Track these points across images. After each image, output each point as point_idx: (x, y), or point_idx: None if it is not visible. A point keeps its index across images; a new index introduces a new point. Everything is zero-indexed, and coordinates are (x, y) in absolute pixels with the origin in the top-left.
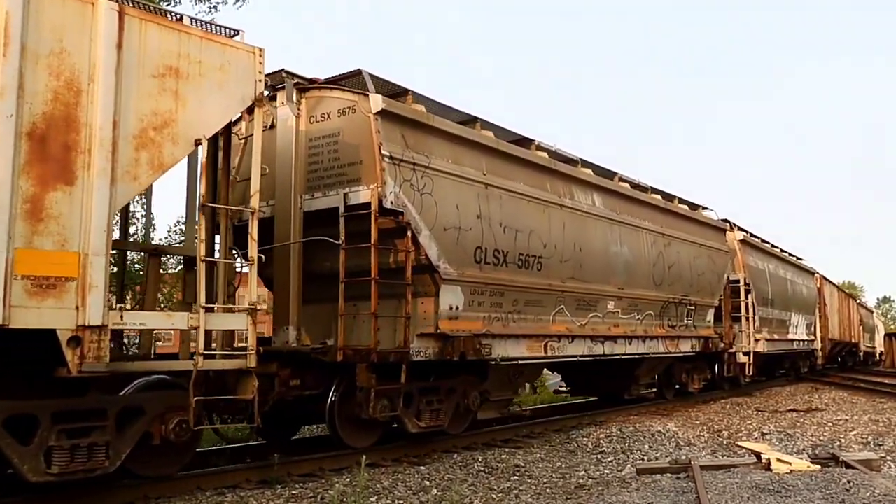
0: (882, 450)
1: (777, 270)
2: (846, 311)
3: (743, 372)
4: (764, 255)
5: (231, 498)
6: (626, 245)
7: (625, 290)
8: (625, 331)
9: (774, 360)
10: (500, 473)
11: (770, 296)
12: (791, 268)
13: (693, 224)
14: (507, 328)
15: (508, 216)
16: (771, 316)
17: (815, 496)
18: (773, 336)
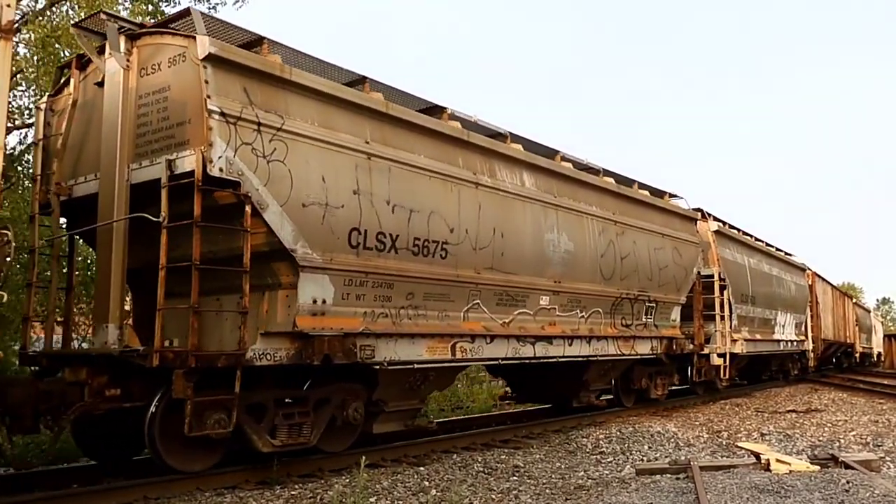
0: (881, 450)
1: (760, 265)
2: (841, 310)
3: (719, 375)
4: (743, 248)
5: (230, 498)
6: (565, 232)
7: (563, 283)
8: (563, 330)
9: (759, 361)
10: (499, 474)
11: (750, 292)
12: (778, 263)
13: (655, 212)
14: (399, 326)
15: (400, 193)
16: (752, 314)
17: (815, 497)
18: (756, 336)
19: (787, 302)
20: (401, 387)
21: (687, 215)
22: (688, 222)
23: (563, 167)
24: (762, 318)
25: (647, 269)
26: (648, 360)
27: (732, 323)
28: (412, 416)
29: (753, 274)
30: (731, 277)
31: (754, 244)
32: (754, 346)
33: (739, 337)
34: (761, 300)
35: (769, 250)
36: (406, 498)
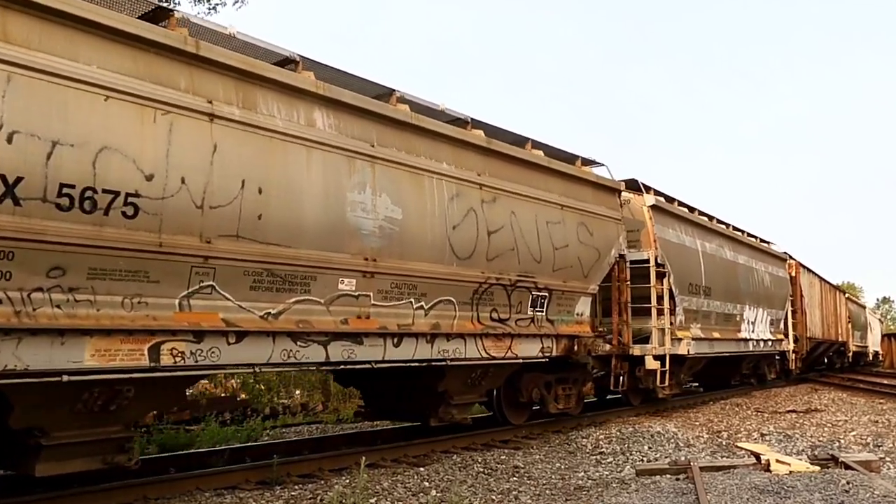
0: (881, 451)
1: (720, 251)
2: (832, 306)
3: (659, 382)
4: (695, 229)
5: (230, 499)
6: (386, 194)
7: (383, 262)
8: (385, 325)
9: (724, 364)
10: (499, 474)
11: (704, 282)
12: (747, 250)
13: (553, 178)
14: (32, 318)
15: (30, 115)
16: (707, 308)
17: (815, 497)
18: (713, 335)
19: (758, 295)
20: (53, 408)
21: (604, 185)
22: (605, 194)
23: (389, 108)
24: (722, 314)
25: (536, 248)
26: (545, 366)
27: (677, 318)
28: (102, 450)
29: (709, 261)
30: (674, 263)
31: (712, 226)
32: (710, 346)
33: (686, 335)
34: (721, 292)
35: (734, 235)
36: (406, 498)
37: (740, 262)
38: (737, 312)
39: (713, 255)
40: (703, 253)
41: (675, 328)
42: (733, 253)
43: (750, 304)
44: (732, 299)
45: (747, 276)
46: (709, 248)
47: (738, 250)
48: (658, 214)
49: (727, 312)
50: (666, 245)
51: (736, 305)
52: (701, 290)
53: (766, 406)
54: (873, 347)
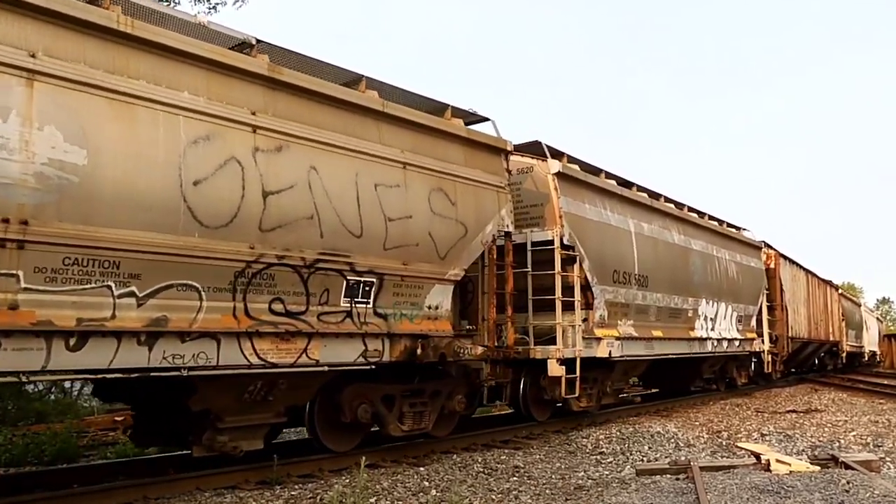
0: (881, 451)
1: (665, 234)
2: (822, 303)
3: (565, 391)
4: (625, 206)
5: (230, 498)
6: (57, 126)
7: (41, 225)
8: (52, 320)
9: (678, 367)
10: (499, 474)
11: (637, 270)
12: (706, 235)
13: (389, 125)
14: None
15: None
16: (642, 301)
17: (815, 497)
18: (652, 333)
19: (719, 288)
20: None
21: (481, 143)
22: (483, 154)
23: (65, 3)
24: (667, 308)
25: (354, 218)
26: (385, 374)
27: (596, 314)
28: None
29: (647, 245)
30: (591, 246)
31: (654, 204)
32: (649, 346)
33: (609, 333)
34: (665, 283)
35: (687, 217)
36: (406, 498)
37: (695, 249)
38: (688, 307)
39: (654, 238)
40: (637, 235)
41: (594, 325)
42: (685, 237)
43: (708, 297)
44: (682, 291)
45: (705, 266)
46: (647, 230)
47: (692, 234)
48: (567, 185)
49: (674, 307)
50: (579, 223)
51: (687, 299)
52: (633, 279)
53: (766, 406)
54: (870, 347)
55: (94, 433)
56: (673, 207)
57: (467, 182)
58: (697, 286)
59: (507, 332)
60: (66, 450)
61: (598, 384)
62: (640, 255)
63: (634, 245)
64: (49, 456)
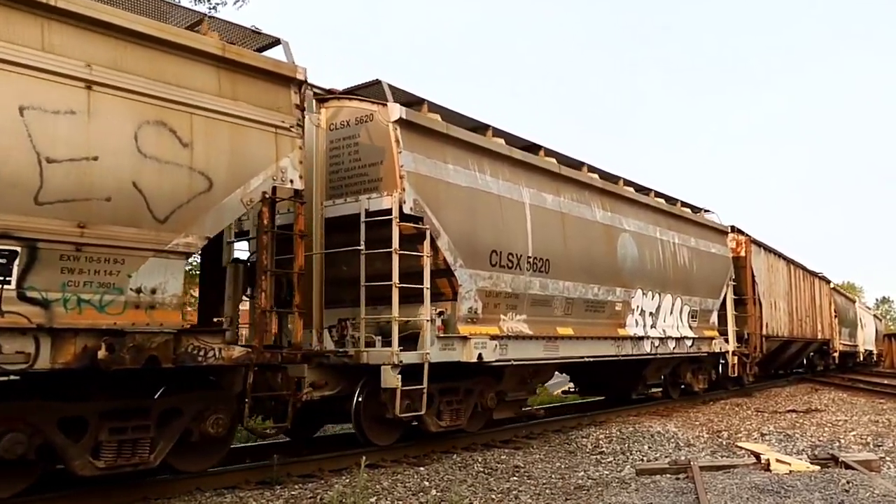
0: (881, 450)
1: (578, 210)
2: (808, 297)
3: (416, 405)
4: (514, 170)
5: (230, 498)
6: None
7: None
8: None
9: (612, 371)
10: (499, 474)
11: (531, 251)
12: (645, 214)
13: (64, 25)
14: None
15: None
16: (540, 291)
17: (815, 497)
18: (557, 331)
19: (663, 277)
20: None
21: (248, 65)
22: (253, 81)
23: None
24: (582, 300)
25: None
26: (65, 387)
27: (463, 306)
28: None
29: (549, 221)
30: (454, 219)
31: (558, 171)
32: (552, 347)
33: (482, 331)
34: (579, 269)
35: (613, 189)
36: (406, 498)
37: (628, 230)
38: (616, 299)
39: (563, 213)
40: (535, 208)
41: (460, 320)
42: (613, 215)
43: (647, 288)
44: (607, 280)
45: (642, 250)
46: (552, 203)
47: (623, 212)
48: (417, 137)
49: (594, 299)
50: (434, 188)
51: (614, 290)
52: (525, 263)
53: (766, 406)
54: (865, 347)
55: None
56: (596, 179)
57: (218, 117)
58: (630, 274)
59: (295, 327)
60: None
61: (473, 396)
62: (539, 233)
63: (529, 221)
64: None
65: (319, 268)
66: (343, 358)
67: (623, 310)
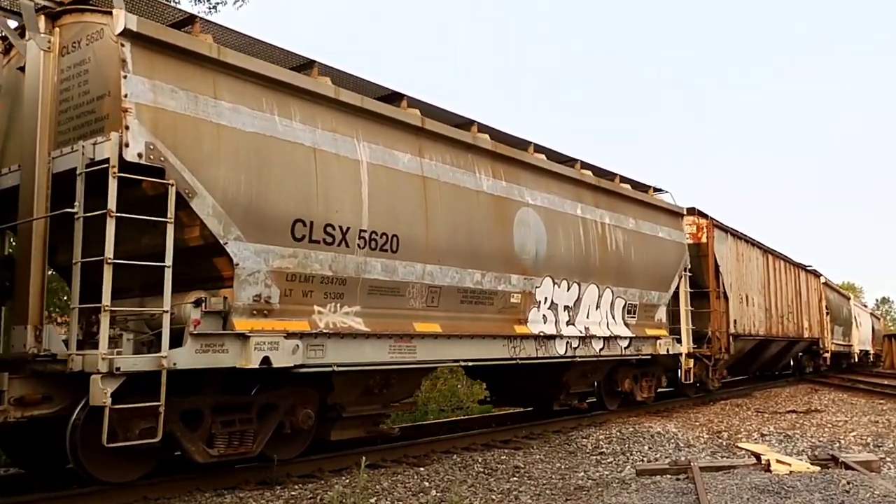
0: (881, 451)
1: (451, 175)
2: (791, 291)
3: (122, 434)
4: (340, 115)
5: (230, 499)
6: None
7: None
8: None
9: (531, 376)
10: (499, 474)
11: (366, 224)
12: (556, 185)
13: None
14: None
15: None
16: (381, 276)
17: (815, 497)
18: (413, 327)
19: (585, 264)
20: None
21: None
22: None
23: None
24: (456, 289)
25: None
26: None
27: (248, 293)
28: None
29: (399, 186)
30: (225, 174)
31: (419, 123)
32: (404, 348)
33: (282, 326)
34: (445, 248)
35: (508, 153)
36: (406, 498)
37: (532, 204)
38: (511, 289)
39: (424, 178)
40: (376, 168)
41: (238, 312)
42: (509, 185)
43: (561, 277)
44: (497, 265)
45: (554, 230)
46: (406, 164)
47: (527, 183)
48: (158, 59)
49: (476, 288)
50: (191, 132)
51: (508, 277)
52: (355, 238)
53: (766, 406)
54: (860, 346)
55: None
56: (483, 139)
57: None
58: (534, 259)
59: None
60: None
61: (276, 414)
62: (382, 201)
63: (367, 184)
64: None
65: (41, 241)
66: (53, 365)
67: (523, 302)
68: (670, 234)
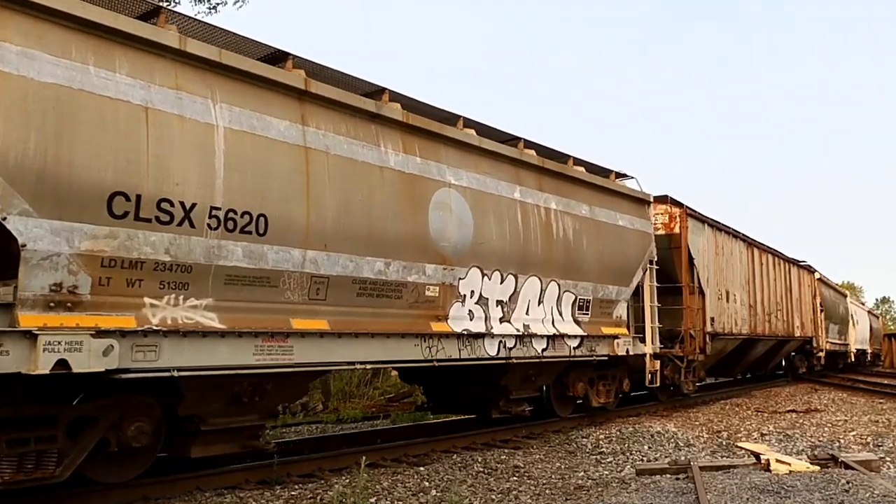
0: (881, 450)
1: (341, 145)
2: (781, 288)
3: None
4: (186, 69)
5: (230, 498)
6: None
7: None
8: None
9: (464, 380)
10: (499, 474)
11: (219, 200)
12: (491, 164)
13: None
14: None
15: None
16: (241, 262)
17: (815, 497)
18: (291, 324)
19: (526, 253)
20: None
21: None
22: None
23: None
24: (350, 279)
25: None
26: None
27: (42, 280)
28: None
29: (271, 157)
30: (14, 133)
31: (273, 76)
32: (276, 349)
33: (93, 322)
34: (333, 232)
35: (418, 123)
36: (406, 498)
37: (455, 184)
38: (426, 281)
39: (307, 149)
40: (233, 134)
41: (33, 304)
42: (424, 162)
43: (492, 267)
44: (406, 253)
45: (483, 214)
46: (282, 132)
47: (449, 160)
48: None
49: (379, 279)
50: None
51: (422, 267)
52: (203, 217)
53: (766, 406)
54: (857, 346)
55: None
56: (394, 109)
57: None
58: (457, 247)
59: None
60: None
61: (95, 430)
62: (244, 174)
63: (222, 153)
64: None
65: None
66: None
67: (442, 296)
68: (633, 222)
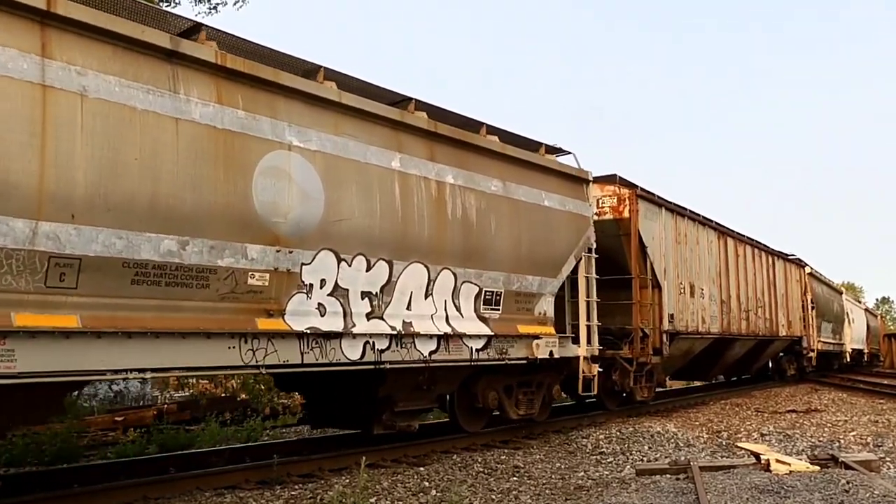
0: (881, 451)
1: (115, 89)
2: (763, 283)
3: None
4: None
5: (230, 498)
6: None
7: None
8: None
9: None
10: (499, 474)
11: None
12: (359, 125)
13: None
14: None
15: None
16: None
17: (815, 497)
18: (14, 320)
19: (400, 235)
20: None
21: None
22: None
23: None
24: (117, 264)
25: None
26: None
27: None
28: None
29: (9, 100)
30: None
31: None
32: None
33: None
34: (95, 201)
35: (238, 66)
36: (406, 498)
37: (298, 146)
38: (247, 266)
39: (44, 86)
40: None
41: None
42: (249, 117)
43: (353, 251)
44: (214, 230)
45: (341, 185)
46: (8, 63)
47: (290, 116)
48: None
49: (168, 262)
50: None
51: (242, 248)
52: None
53: (766, 406)
54: (853, 346)
55: (95, 433)
56: (202, 49)
57: None
58: (296, 224)
59: None
60: (66, 450)
61: None
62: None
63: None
64: (49, 456)
65: None
66: None
67: (276, 286)
68: (564, 203)
